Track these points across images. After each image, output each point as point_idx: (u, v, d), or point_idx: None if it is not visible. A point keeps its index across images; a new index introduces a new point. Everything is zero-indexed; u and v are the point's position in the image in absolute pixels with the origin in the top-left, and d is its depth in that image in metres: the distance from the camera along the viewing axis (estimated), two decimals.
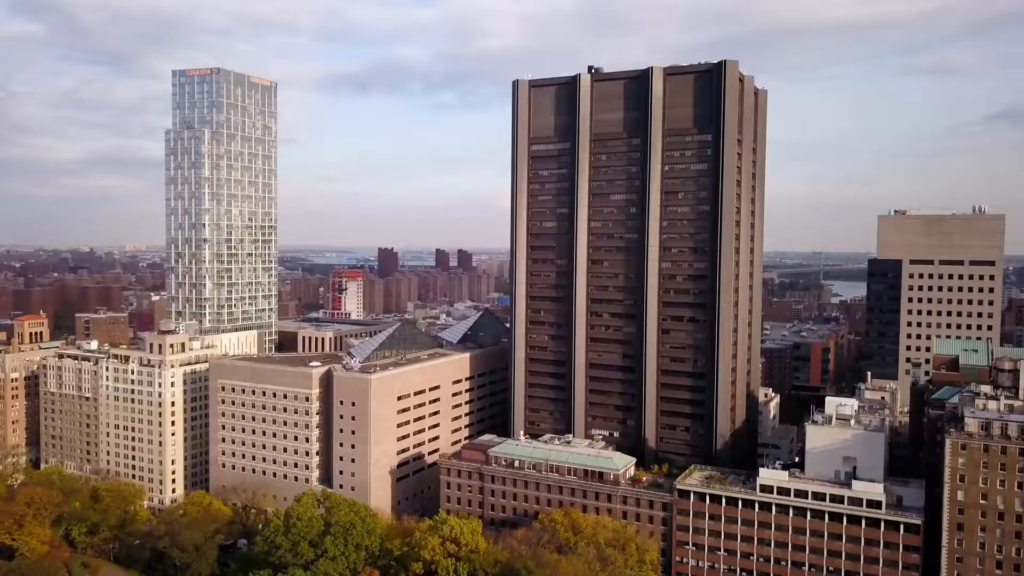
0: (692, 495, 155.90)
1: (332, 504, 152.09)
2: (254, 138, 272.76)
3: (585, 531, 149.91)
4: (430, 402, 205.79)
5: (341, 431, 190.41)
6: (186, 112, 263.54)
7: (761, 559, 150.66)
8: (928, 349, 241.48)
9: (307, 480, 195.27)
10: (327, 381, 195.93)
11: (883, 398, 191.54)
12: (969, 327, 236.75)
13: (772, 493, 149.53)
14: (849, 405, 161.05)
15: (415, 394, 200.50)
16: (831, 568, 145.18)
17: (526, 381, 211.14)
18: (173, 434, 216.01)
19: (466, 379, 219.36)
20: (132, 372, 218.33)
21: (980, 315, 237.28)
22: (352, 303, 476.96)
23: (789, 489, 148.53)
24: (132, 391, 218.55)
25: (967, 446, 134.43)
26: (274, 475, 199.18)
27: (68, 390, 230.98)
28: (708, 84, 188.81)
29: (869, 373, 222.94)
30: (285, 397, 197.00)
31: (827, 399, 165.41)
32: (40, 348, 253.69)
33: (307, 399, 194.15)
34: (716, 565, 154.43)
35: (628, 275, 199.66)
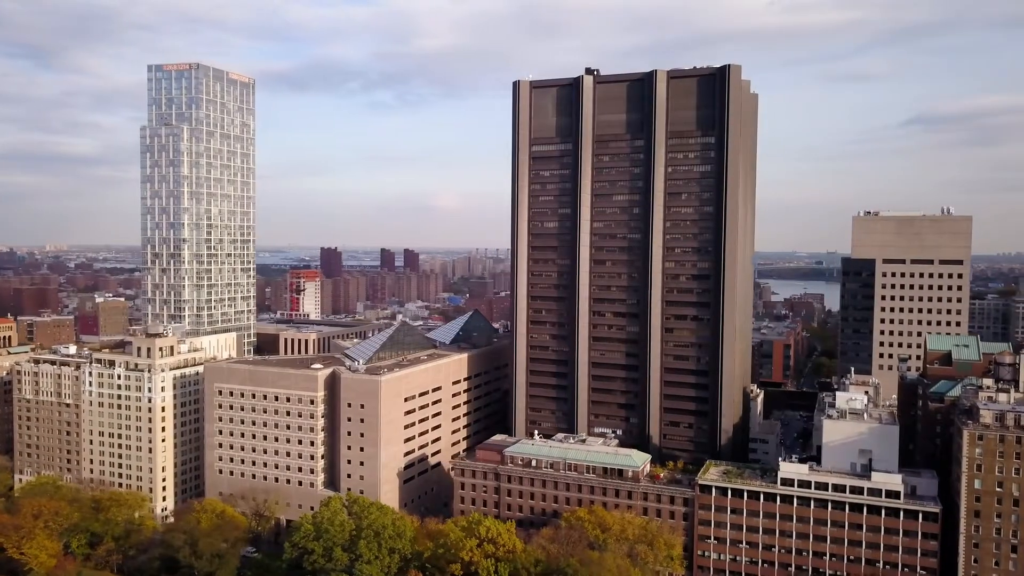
0: (714, 490, 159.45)
1: (360, 508, 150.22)
2: (232, 136, 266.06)
3: (613, 528, 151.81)
4: (433, 403, 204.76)
5: (349, 434, 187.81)
6: (163, 108, 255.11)
7: (782, 550, 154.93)
8: (901, 345, 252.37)
9: (312, 484, 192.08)
10: (331, 383, 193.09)
11: (867, 392, 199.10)
12: (939, 323, 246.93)
13: (793, 486, 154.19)
14: (860, 399, 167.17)
15: (420, 395, 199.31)
16: (851, 557, 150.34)
17: (527, 380, 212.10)
18: (164, 440, 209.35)
19: (464, 379, 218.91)
20: (119, 377, 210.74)
21: (949, 312, 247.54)
22: (310, 304, 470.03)
23: (810, 482, 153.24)
24: (119, 396, 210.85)
25: (984, 436, 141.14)
26: (276, 480, 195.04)
27: (46, 396, 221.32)
28: (711, 87, 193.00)
29: (852, 369, 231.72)
30: (288, 400, 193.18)
31: (838, 393, 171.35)
32: (9, 353, 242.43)
33: (312, 402, 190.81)
34: (738, 558, 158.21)
35: (631, 275, 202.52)
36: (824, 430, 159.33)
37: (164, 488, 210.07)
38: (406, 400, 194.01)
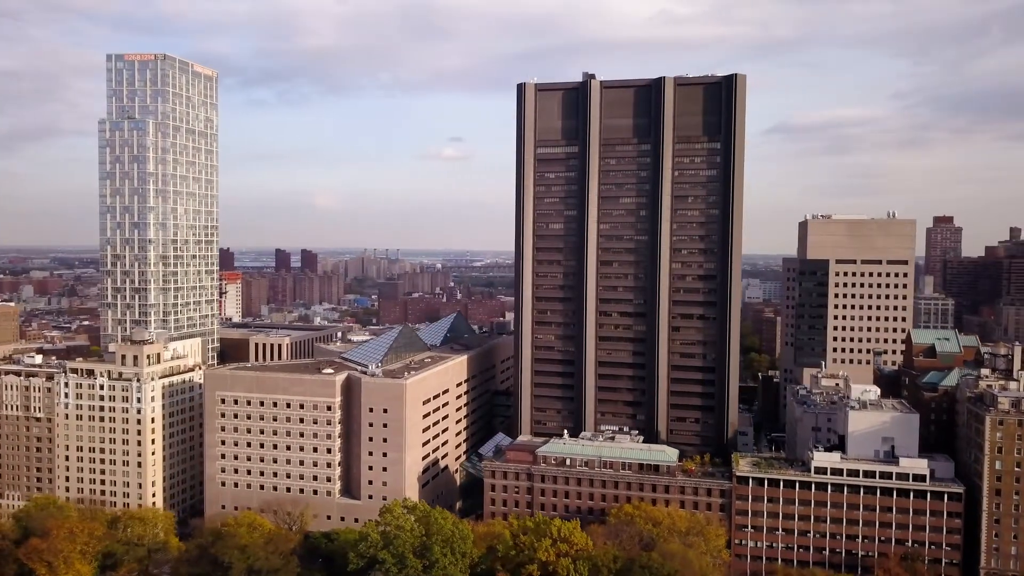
0: (751, 481, 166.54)
1: (422, 513, 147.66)
2: (197, 131, 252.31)
3: (664, 522, 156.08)
4: (443, 405, 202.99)
5: (371, 439, 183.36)
6: (124, 101, 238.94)
7: (817, 535, 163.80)
8: (853, 339, 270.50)
9: (328, 493, 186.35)
10: (347, 388, 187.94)
11: (837, 384, 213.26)
12: (887, 319, 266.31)
13: (826, 474, 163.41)
14: (873, 391, 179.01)
15: (434, 398, 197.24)
16: (882, 538, 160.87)
17: (532, 380, 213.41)
18: (153, 454, 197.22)
19: (465, 381, 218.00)
20: (101, 387, 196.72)
21: (896, 308, 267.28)
22: (232, 306, 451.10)
23: (842, 469, 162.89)
24: (101, 408, 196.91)
25: (1004, 421, 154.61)
26: (288, 490, 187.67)
27: (12, 410, 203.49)
28: (717, 95, 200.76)
29: (823, 363, 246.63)
30: (302, 407, 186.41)
31: (853, 386, 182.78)
32: None
33: (329, 408, 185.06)
34: (774, 544, 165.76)
35: (637, 275, 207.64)
36: (849, 420, 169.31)
37: (154, 504, 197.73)
38: (424, 403, 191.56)
